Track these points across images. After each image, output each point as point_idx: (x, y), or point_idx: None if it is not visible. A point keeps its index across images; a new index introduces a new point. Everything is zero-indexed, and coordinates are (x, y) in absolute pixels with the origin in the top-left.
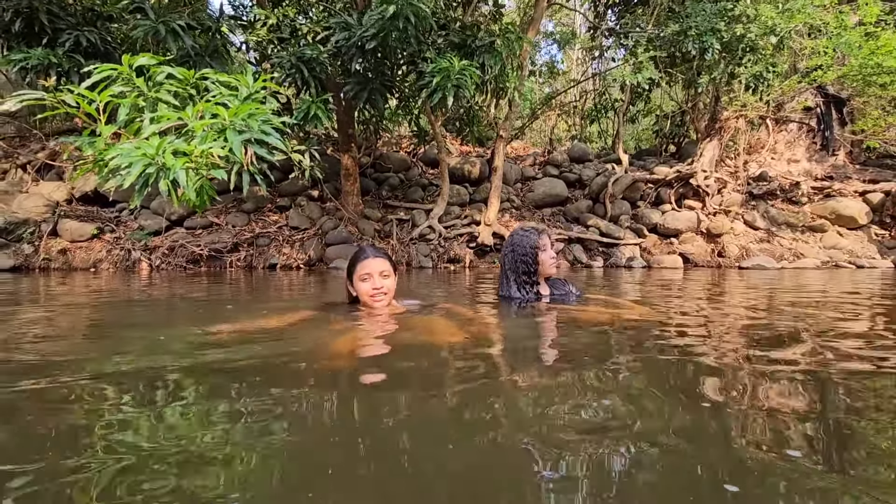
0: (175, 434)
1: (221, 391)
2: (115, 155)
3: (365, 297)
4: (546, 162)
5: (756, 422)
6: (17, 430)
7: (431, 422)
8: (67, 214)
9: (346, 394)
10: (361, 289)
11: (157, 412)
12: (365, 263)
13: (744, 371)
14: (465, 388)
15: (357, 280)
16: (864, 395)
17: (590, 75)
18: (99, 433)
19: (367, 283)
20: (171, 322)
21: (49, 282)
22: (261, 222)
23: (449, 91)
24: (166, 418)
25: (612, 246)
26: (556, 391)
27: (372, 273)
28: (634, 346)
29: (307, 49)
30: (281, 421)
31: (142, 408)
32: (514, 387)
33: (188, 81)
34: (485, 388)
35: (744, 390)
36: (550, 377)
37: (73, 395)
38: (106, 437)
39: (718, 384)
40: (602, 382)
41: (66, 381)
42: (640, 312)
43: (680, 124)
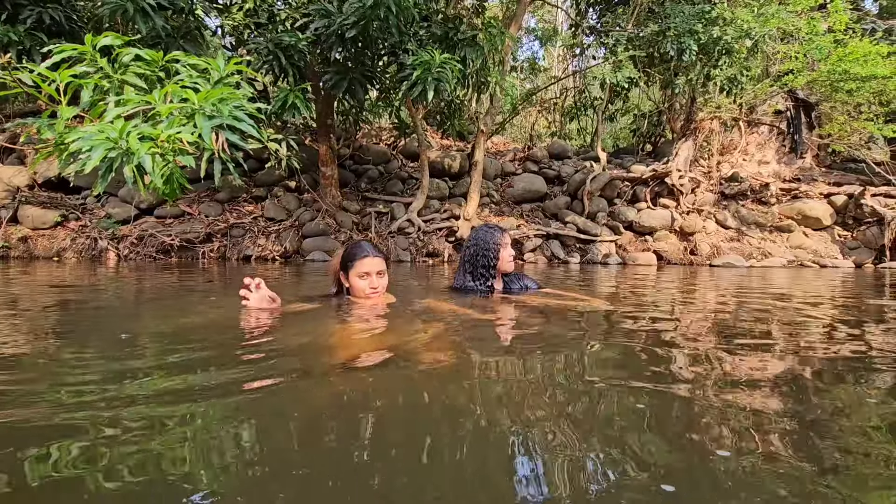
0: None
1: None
2: (76, 138)
3: (360, 293)
4: (526, 158)
5: (707, 409)
6: None
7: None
8: (29, 201)
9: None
10: (358, 285)
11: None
12: (365, 262)
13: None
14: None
15: (354, 276)
16: (825, 387)
17: (570, 73)
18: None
19: (364, 280)
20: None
21: (7, 271)
22: (235, 213)
23: (430, 84)
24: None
25: (589, 242)
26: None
27: (371, 273)
28: (592, 332)
29: (285, 35)
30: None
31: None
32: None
33: (157, 64)
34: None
35: (702, 376)
36: (536, 363)
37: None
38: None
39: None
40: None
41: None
42: (594, 304)
43: (657, 124)
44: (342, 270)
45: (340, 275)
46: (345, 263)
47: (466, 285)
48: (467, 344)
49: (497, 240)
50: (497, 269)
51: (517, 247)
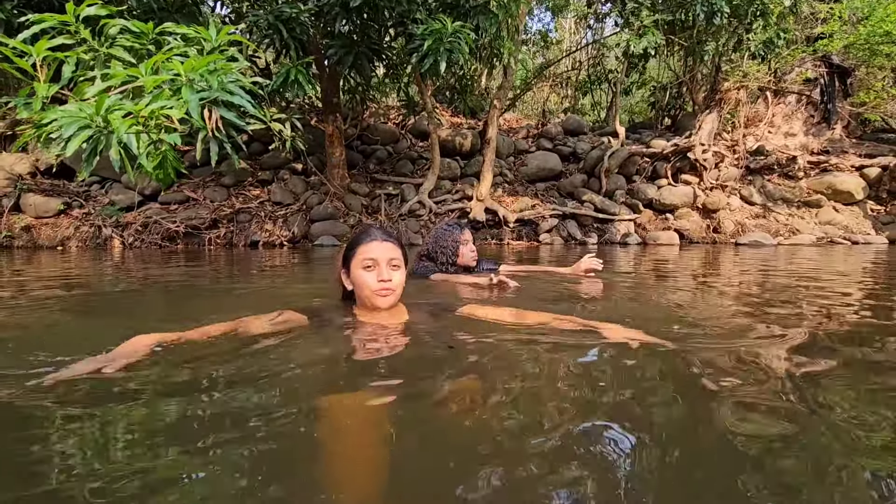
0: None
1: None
2: (53, 118)
3: (366, 290)
4: (540, 135)
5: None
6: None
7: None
8: (31, 189)
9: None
10: (362, 280)
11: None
12: (370, 247)
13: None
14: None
15: (357, 268)
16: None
17: (586, 43)
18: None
19: (370, 272)
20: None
21: (12, 261)
22: (241, 197)
23: (441, 55)
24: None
25: (607, 222)
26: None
27: (378, 260)
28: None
29: (286, 7)
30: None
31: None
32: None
33: (148, 37)
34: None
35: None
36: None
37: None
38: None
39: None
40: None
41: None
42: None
43: (677, 96)
44: (344, 267)
45: (342, 274)
46: (346, 256)
47: (426, 273)
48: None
49: (456, 237)
50: (457, 264)
51: (532, 227)
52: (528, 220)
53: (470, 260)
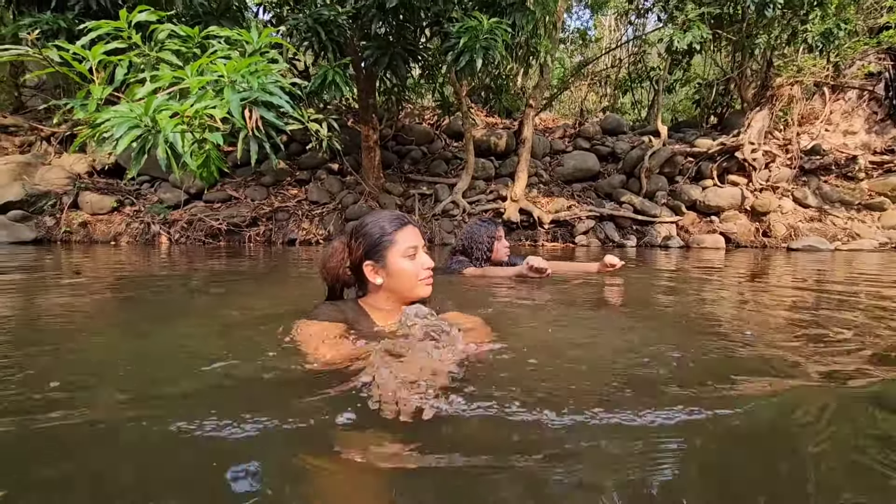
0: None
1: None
2: (106, 119)
3: (410, 281)
4: (577, 134)
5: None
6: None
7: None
8: (88, 187)
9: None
10: (406, 270)
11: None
12: (409, 233)
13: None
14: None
15: (396, 257)
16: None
17: (626, 41)
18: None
19: (412, 260)
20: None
21: (70, 255)
22: (280, 196)
23: (477, 53)
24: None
25: (647, 224)
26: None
27: (419, 246)
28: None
29: (324, 10)
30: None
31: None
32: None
33: (194, 41)
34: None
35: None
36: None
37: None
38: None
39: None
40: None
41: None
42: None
43: (724, 93)
44: (368, 260)
45: (367, 268)
46: (375, 245)
47: (456, 265)
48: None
49: (492, 233)
50: (491, 261)
51: (568, 229)
52: (564, 222)
53: (503, 255)
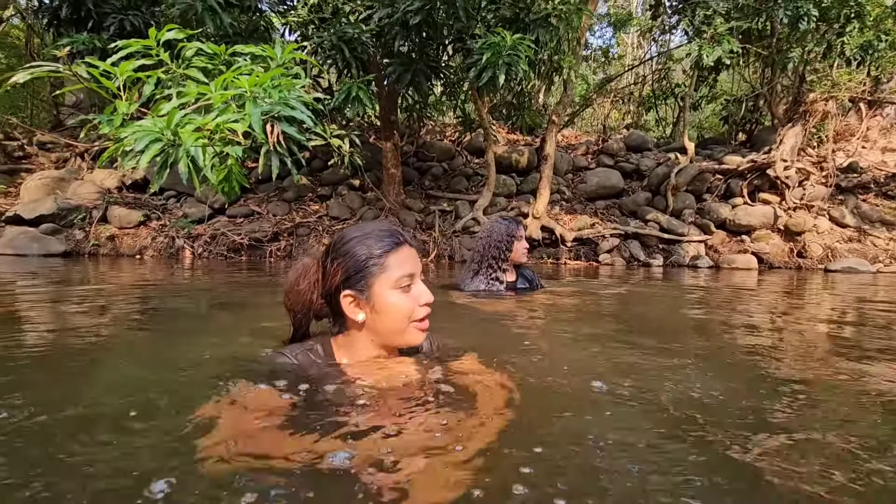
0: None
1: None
2: (130, 133)
3: (401, 323)
4: (600, 151)
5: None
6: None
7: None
8: (116, 201)
9: None
10: (398, 307)
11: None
12: (403, 255)
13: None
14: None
15: (386, 288)
16: None
17: (650, 57)
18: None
19: (409, 293)
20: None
21: (98, 268)
22: (301, 212)
23: (500, 69)
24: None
25: (674, 243)
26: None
27: (416, 274)
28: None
29: (349, 28)
30: None
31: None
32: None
33: (220, 58)
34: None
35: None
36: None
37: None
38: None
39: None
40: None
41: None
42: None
43: (753, 109)
44: (348, 289)
45: (346, 299)
46: (359, 271)
47: (476, 286)
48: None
49: (511, 231)
50: (509, 261)
51: (591, 247)
52: (587, 240)
53: (522, 257)
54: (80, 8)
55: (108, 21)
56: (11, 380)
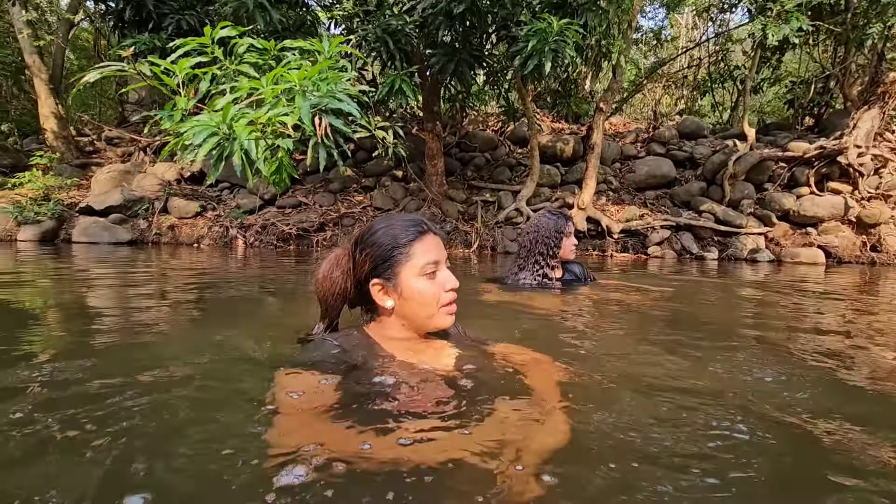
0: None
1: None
2: (189, 128)
3: (430, 308)
4: (650, 139)
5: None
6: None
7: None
8: (176, 193)
9: None
10: (424, 293)
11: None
12: (428, 243)
13: None
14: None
15: (412, 276)
16: None
17: (706, 38)
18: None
19: (434, 280)
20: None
21: (160, 256)
22: (346, 202)
23: (546, 56)
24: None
25: (731, 235)
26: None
27: (441, 262)
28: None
29: (392, 20)
30: None
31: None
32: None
33: (270, 53)
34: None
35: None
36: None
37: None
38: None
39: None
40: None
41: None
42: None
43: (822, 91)
44: (376, 277)
45: (374, 287)
46: (385, 259)
47: (521, 281)
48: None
49: (561, 227)
50: (557, 257)
51: (640, 239)
52: (635, 231)
53: (570, 254)
54: (141, 10)
55: (167, 21)
56: (83, 360)
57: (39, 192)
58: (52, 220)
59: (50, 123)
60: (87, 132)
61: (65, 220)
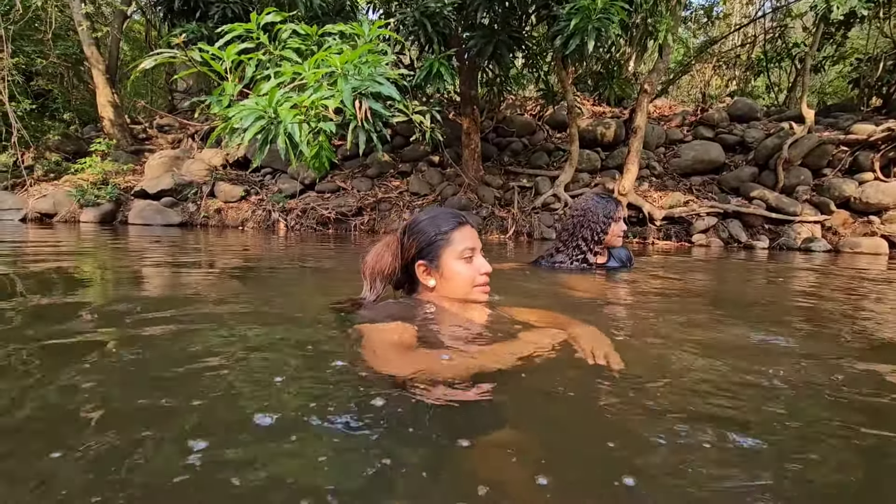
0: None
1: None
2: (236, 112)
3: (466, 286)
4: (698, 122)
5: None
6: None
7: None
8: (222, 178)
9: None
10: (461, 274)
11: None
12: (466, 233)
13: None
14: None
15: (451, 259)
16: None
17: (762, 14)
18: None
19: (469, 263)
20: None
21: (209, 237)
22: (383, 187)
23: (589, 34)
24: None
25: (784, 223)
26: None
27: (476, 248)
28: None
29: (430, 2)
30: None
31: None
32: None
33: (312, 39)
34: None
35: None
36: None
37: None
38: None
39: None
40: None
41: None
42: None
43: (893, 69)
44: (420, 259)
45: (419, 268)
46: (430, 245)
47: (556, 261)
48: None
49: (610, 212)
50: (604, 244)
51: (684, 226)
52: (679, 218)
53: (617, 241)
54: (189, 0)
55: (213, 10)
56: (138, 330)
57: (99, 176)
58: (110, 202)
59: (107, 112)
60: (140, 120)
61: (122, 203)
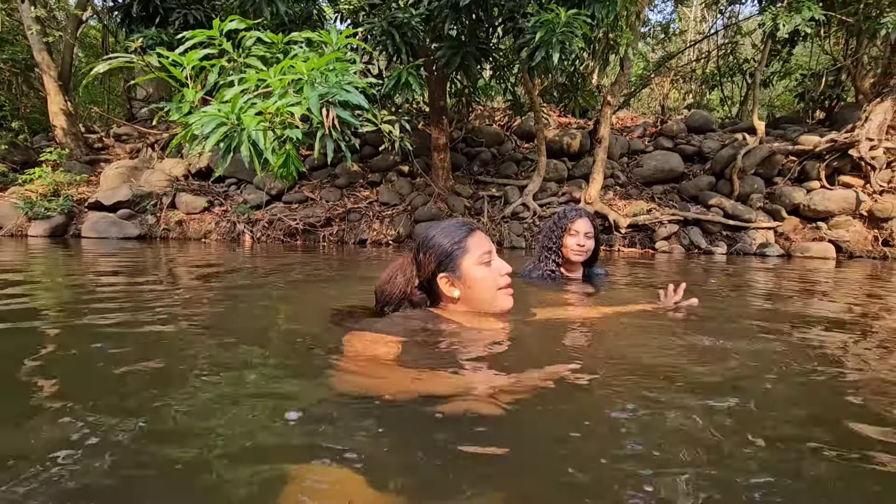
0: None
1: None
2: (197, 119)
3: (490, 292)
4: (658, 133)
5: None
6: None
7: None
8: (184, 189)
9: None
10: (485, 279)
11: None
12: (480, 239)
13: None
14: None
15: (472, 265)
16: None
17: (714, 31)
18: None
19: (490, 266)
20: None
21: (169, 251)
22: (353, 197)
23: (554, 47)
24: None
25: (740, 230)
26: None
27: (492, 252)
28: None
29: (398, 13)
30: None
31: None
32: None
33: (277, 47)
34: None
35: None
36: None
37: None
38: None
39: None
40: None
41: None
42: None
43: (834, 84)
44: (442, 272)
45: (442, 280)
46: (448, 256)
47: (524, 272)
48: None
49: (561, 219)
50: (560, 255)
51: (647, 234)
52: (643, 226)
53: (571, 254)
54: (149, 5)
55: (174, 16)
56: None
57: (49, 188)
58: (61, 215)
59: (59, 120)
60: (95, 129)
61: (74, 216)
